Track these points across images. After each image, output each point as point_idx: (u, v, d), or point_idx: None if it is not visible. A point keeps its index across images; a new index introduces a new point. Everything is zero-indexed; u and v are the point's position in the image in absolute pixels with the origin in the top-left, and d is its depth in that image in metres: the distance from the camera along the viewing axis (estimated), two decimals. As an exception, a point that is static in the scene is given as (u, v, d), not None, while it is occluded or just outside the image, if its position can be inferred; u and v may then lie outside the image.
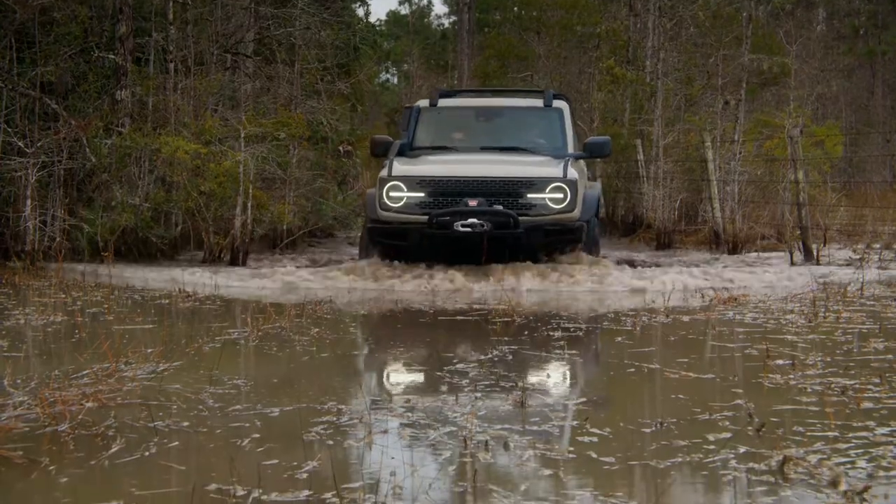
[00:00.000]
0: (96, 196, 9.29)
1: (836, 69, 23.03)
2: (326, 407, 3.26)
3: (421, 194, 7.55)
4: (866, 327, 4.99)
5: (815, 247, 9.15)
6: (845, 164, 18.73)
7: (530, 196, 7.50)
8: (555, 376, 4.05)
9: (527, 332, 5.02)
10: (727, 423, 3.01)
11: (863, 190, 17.12)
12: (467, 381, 3.72)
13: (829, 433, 2.87)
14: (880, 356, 4.15)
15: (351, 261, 8.84)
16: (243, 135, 9.30)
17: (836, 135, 13.79)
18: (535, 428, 2.98)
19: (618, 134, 13.89)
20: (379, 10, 65.89)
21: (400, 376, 4.17)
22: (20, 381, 3.59)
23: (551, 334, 4.96)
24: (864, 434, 2.86)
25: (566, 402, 3.47)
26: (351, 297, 6.93)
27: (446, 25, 46.53)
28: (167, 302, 6.39)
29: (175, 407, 3.27)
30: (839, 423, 2.97)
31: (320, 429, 2.97)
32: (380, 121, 27.37)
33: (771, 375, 3.73)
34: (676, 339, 4.89)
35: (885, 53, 31.46)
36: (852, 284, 6.82)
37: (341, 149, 13.42)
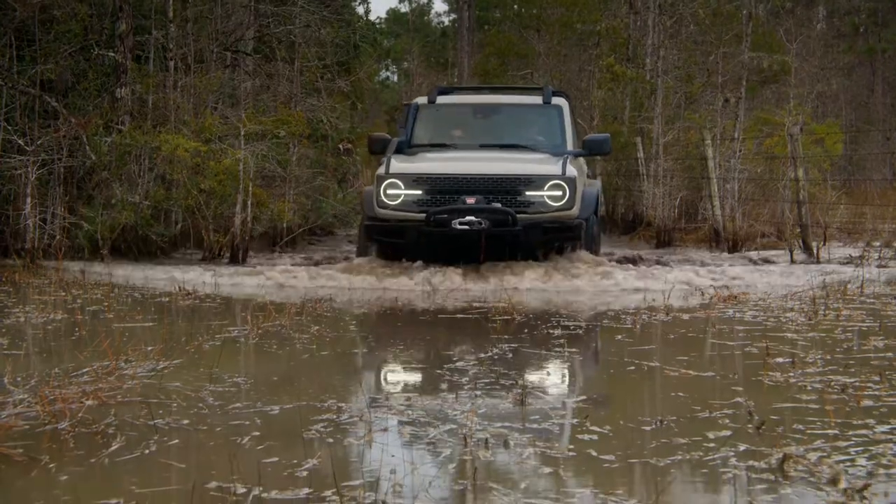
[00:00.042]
0: (96, 194, 9.29)
1: (837, 67, 23.03)
2: (326, 405, 3.26)
3: (418, 192, 7.52)
4: (866, 325, 4.99)
5: (815, 245, 9.15)
6: (845, 162, 18.74)
7: (528, 193, 7.45)
8: (555, 374, 4.04)
9: (527, 331, 5.01)
10: (727, 421, 3.01)
11: (863, 188, 17.14)
12: (467, 379, 3.72)
13: (829, 431, 2.87)
14: (880, 354, 4.15)
15: (345, 260, 8.81)
16: (243, 133, 9.30)
17: (836, 133, 13.79)
18: (535, 426, 2.98)
19: (618, 132, 13.88)
20: (379, 7, 66.09)
21: (400, 374, 4.16)
22: (20, 379, 3.59)
23: (551, 332, 4.96)
24: (864, 432, 2.86)
25: (566, 400, 3.47)
26: (350, 296, 6.92)
27: (446, 23, 46.59)
28: (167, 300, 6.39)
29: (175, 405, 3.27)
30: (839, 420, 2.97)
31: (320, 427, 2.97)
32: (380, 119, 27.41)
33: (771, 373, 3.73)
34: (676, 337, 4.89)
35: (886, 51, 31.46)
36: (852, 282, 6.82)
37: (341, 147, 13.43)
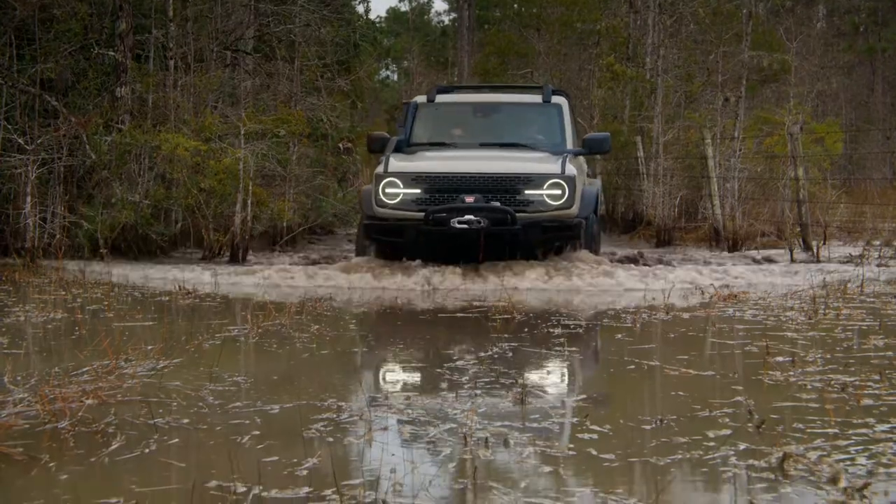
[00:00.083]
0: (96, 193, 9.29)
1: (836, 66, 23.04)
2: (326, 404, 3.26)
3: (417, 191, 7.50)
4: (866, 324, 4.99)
5: (815, 244, 9.15)
6: (845, 161, 18.74)
7: (528, 192, 7.43)
8: (555, 373, 4.04)
9: (527, 330, 5.01)
10: (727, 420, 3.01)
11: (863, 187, 17.14)
12: (467, 378, 3.72)
13: (829, 430, 2.87)
14: (880, 353, 4.15)
15: (344, 259, 8.81)
16: (243, 132, 9.30)
17: (836, 132, 13.79)
18: (535, 425, 2.98)
19: (618, 131, 13.88)
20: (379, 6, 65.92)
21: (400, 373, 4.16)
22: (20, 378, 3.59)
23: (551, 331, 4.95)
24: (863, 431, 2.86)
25: (566, 399, 3.47)
26: (350, 295, 6.92)
27: (446, 22, 46.60)
28: (167, 299, 6.39)
29: (175, 404, 3.27)
30: (839, 419, 2.97)
31: (320, 426, 2.97)
32: (380, 117, 27.41)
33: (771, 372, 3.73)
34: (677, 336, 4.89)
35: (885, 50, 31.47)
36: (852, 281, 6.82)
37: (341, 146, 13.44)
